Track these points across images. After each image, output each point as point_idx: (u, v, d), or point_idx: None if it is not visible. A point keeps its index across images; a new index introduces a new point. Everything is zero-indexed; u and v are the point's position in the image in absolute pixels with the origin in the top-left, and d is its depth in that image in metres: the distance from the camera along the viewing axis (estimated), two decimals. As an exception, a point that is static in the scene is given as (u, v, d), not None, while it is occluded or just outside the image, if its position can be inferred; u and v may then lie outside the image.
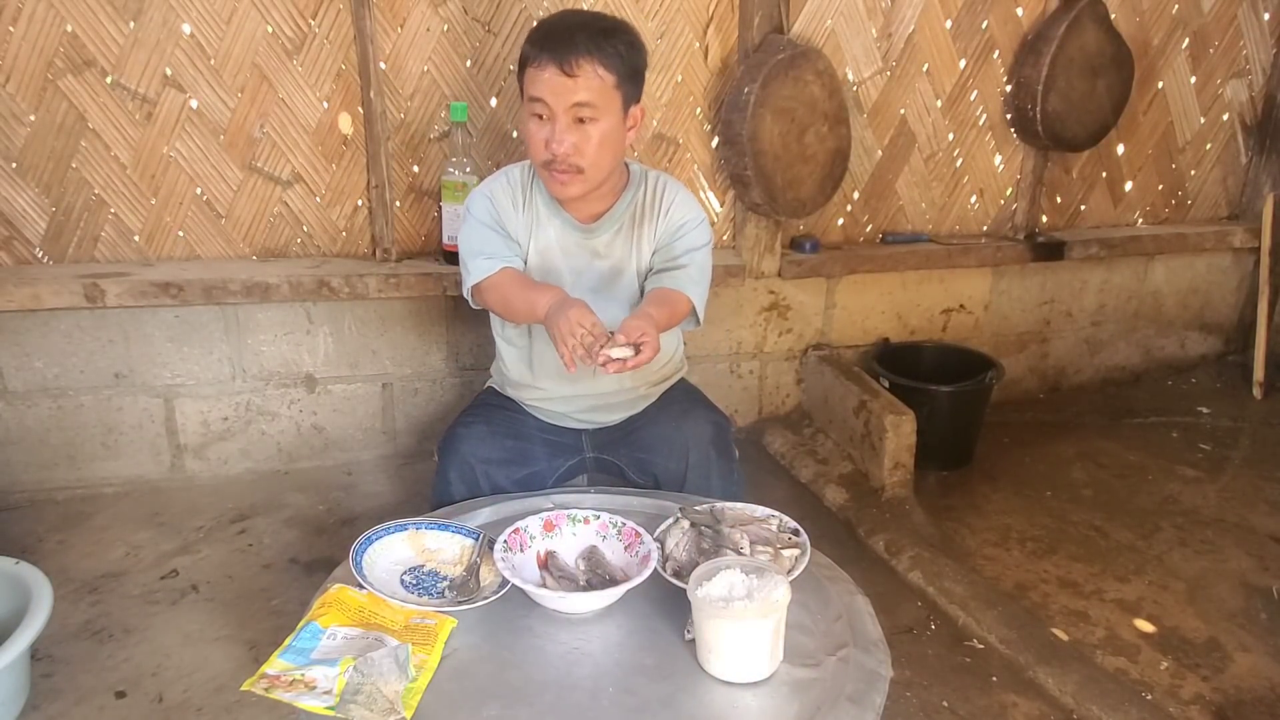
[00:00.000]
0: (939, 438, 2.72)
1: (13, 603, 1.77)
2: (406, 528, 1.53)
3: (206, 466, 2.64)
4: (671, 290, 1.77)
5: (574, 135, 1.65)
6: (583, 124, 1.65)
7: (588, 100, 1.63)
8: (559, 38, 1.62)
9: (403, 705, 1.14)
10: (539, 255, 1.83)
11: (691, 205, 1.85)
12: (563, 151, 1.65)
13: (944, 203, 3.04)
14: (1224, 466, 2.85)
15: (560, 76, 1.61)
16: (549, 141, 1.65)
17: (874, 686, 1.21)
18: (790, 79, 2.51)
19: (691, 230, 1.82)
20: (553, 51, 1.61)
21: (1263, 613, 2.14)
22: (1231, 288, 3.49)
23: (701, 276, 1.83)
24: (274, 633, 1.90)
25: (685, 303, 1.78)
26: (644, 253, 1.84)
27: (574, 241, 1.82)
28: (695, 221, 1.83)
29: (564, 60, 1.60)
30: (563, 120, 1.64)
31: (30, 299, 2.27)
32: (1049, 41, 2.77)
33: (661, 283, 1.79)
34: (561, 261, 1.83)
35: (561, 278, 1.82)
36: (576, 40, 1.60)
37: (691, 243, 1.82)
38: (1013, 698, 1.87)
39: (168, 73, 2.33)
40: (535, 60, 1.63)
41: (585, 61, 1.61)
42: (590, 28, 1.64)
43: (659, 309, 1.70)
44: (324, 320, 2.59)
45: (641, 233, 1.83)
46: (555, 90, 1.62)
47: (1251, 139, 3.34)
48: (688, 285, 1.78)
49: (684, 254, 1.81)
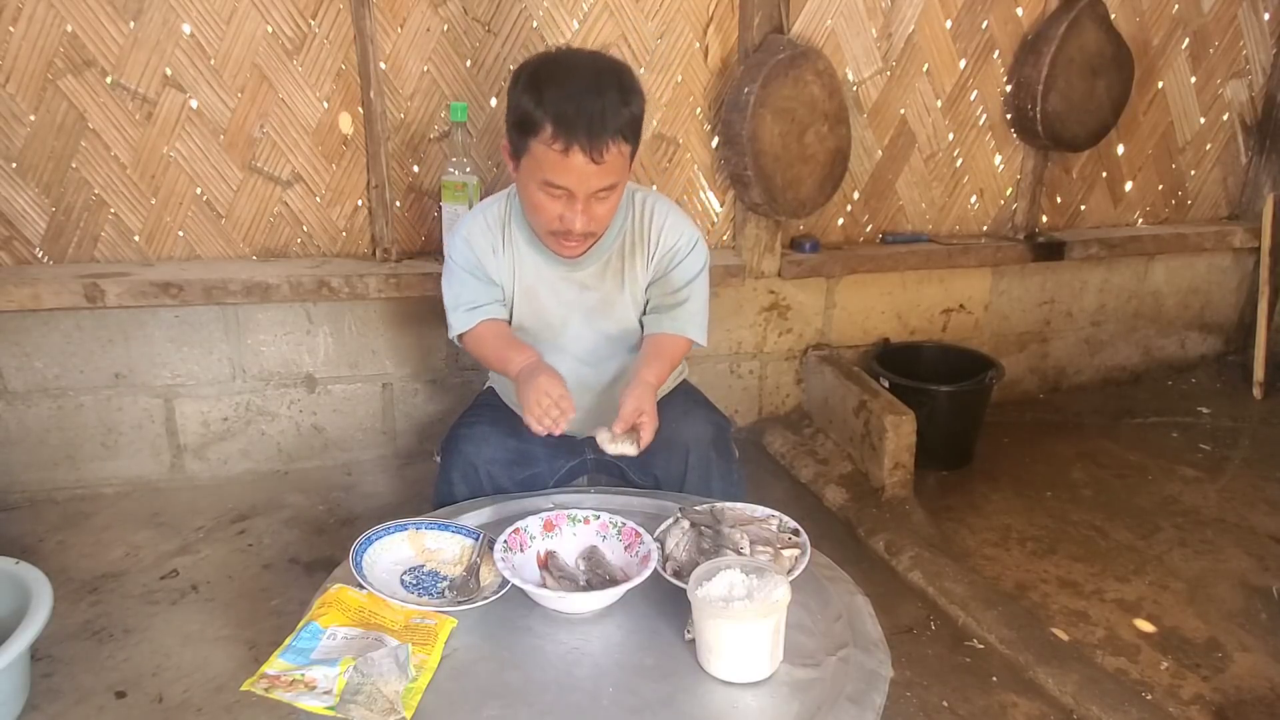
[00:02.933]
0: (939, 438, 2.72)
1: (13, 603, 1.77)
2: (406, 528, 1.53)
3: (206, 466, 2.64)
4: (670, 337, 1.74)
5: (594, 209, 1.58)
6: (600, 197, 1.59)
7: (612, 182, 1.57)
8: (588, 123, 1.48)
9: (403, 705, 1.14)
10: (525, 294, 1.78)
11: (682, 227, 1.78)
12: (580, 228, 1.59)
13: (944, 203, 3.04)
14: (1224, 466, 2.85)
15: (589, 165, 1.51)
16: (564, 217, 1.58)
17: (874, 686, 1.21)
18: (790, 79, 2.51)
19: (686, 256, 1.76)
20: (583, 139, 1.49)
21: (1263, 613, 2.14)
22: (1231, 288, 3.49)
23: (701, 306, 1.79)
24: (274, 633, 1.90)
25: (682, 344, 1.75)
26: (638, 283, 1.79)
27: (559, 276, 1.77)
28: (689, 244, 1.77)
29: (595, 149, 1.50)
30: (584, 202, 1.56)
31: (30, 299, 2.27)
32: (1049, 41, 2.77)
33: (661, 325, 1.76)
34: (549, 297, 1.78)
35: (550, 313, 1.79)
36: (607, 124, 1.50)
37: (688, 271, 1.77)
38: (1013, 698, 1.87)
39: (168, 73, 2.33)
40: (559, 143, 1.50)
41: (613, 145, 1.52)
42: (615, 100, 1.52)
43: (657, 367, 1.67)
44: (324, 320, 2.59)
45: (633, 263, 1.77)
46: (582, 177, 1.53)
47: (1251, 139, 3.34)
48: (688, 325, 1.75)
49: (683, 286, 1.76)
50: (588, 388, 1.84)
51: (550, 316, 1.79)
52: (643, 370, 1.67)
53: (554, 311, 1.79)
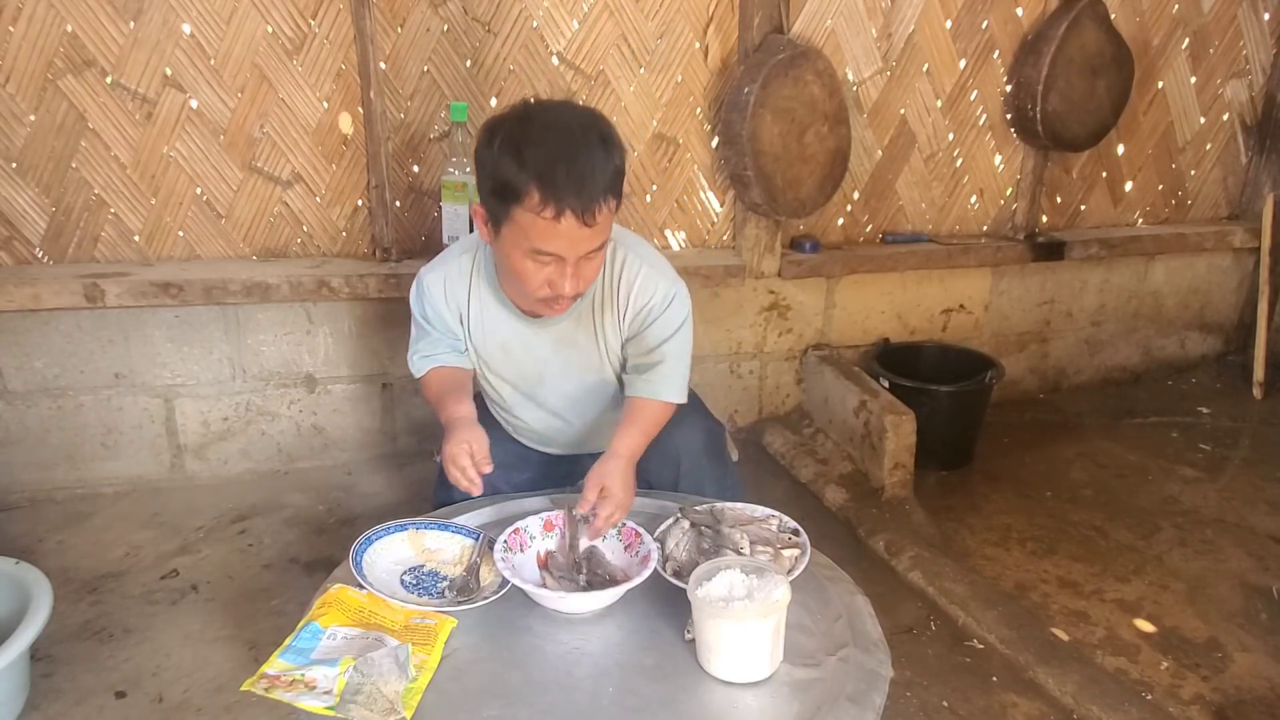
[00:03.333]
0: (939, 438, 2.72)
1: (13, 603, 1.77)
2: (406, 528, 1.53)
3: (206, 466, 2.64)
4: (646, 402, 1.66)
5: (583, 270, 1.49)
6: (589, 258, 1.49)
7: (603, 241, 1.49)
8: (578, 185, 1.38)
9: (403, 705, 1.14)
10: (498, 350, 1.72)
11: (655, 283, 1.65)
12: (571, 291, 1.49)
13: (944, 203, 3.04)
14: (1224, 466, 2.85)
15: (581, 229, 1.41)
16: (553, 282, 1.48)
17: (874, 686, 1.21)
18: (790, 79, 2.51)
19: (660, 314, 1.65)
20: (574, 202, 1.38)
21: (1263, 613, 2.14)
22: (1231, 288, 3.49)
23: (679, 365, 1.68)
24: (274, 633, 1.90)
25: (661, 408, 1.67)
26: (609, 340, 1.70)
27: (531, 332, 1.69)
28: (664, 301, 1.65)
29: (587, 211, 1.40)
30: (574, 265, 1.46)
31: (30, 299, 2.26)
32: (1049, 41, 2.77)
33: (635, 387, 1.67)
34: (522, 352, 1.72)
35: (525, 367, 1.73)
36: (596, 182, 1.40)
37: (663, 330, 1.66)
38: (1013, 698, 1.87)
39: (168, 73, 2.33)
40: (549, 209, 1.39)
41: (601, 206, 1.42)
42: (597, 155, 1.41)
43: (631, 437, 1.60)
44: (324, 320, 2.59)
45: (603, 321, 1.68)
46: (574, 242, 1.43)
47: (1251, 139, 3.34)
48: (663, 388, 1.66)
49: (657, 345, 1.66)
50: (570, 425, 1.83)
51: (526, 370, 1.73)
52: (615, 442, 1.59)
53: (529, 366, 1.73)
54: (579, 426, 1.83)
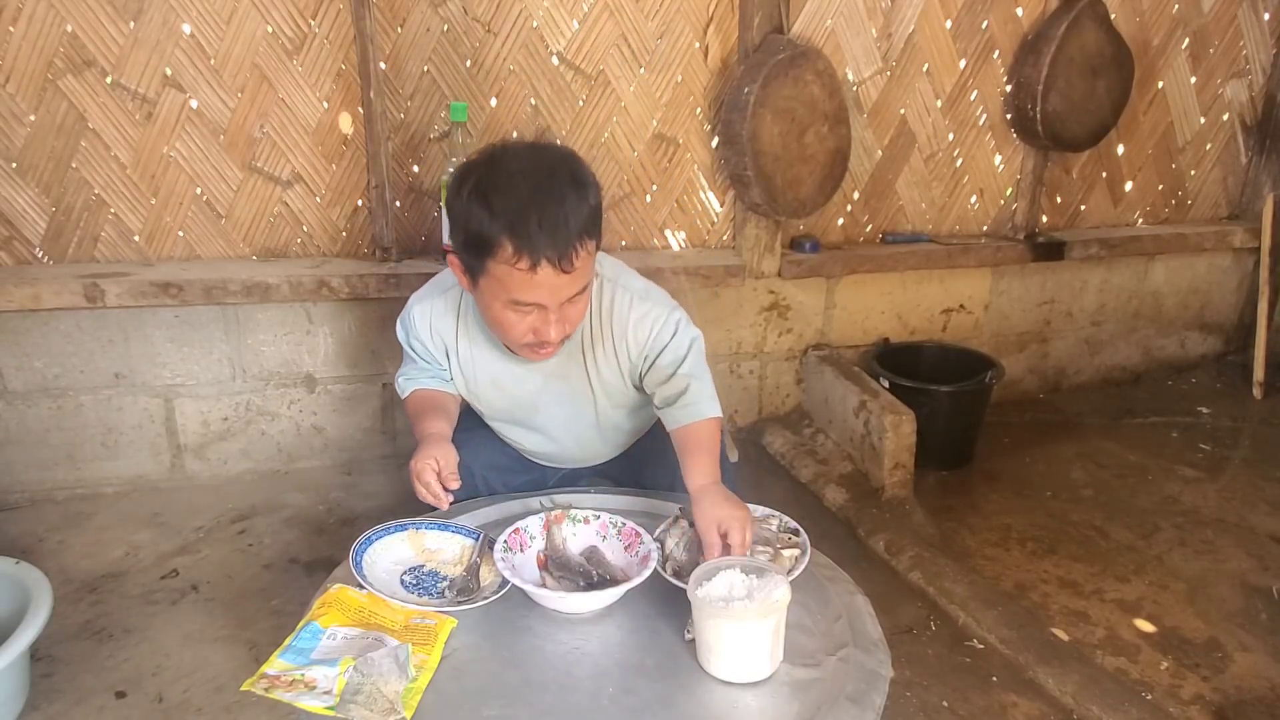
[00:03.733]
0: (939, 438, 2.72)
1: (13, 603, 1.77)
2: (406, 528, 1.53)
3: (206, 466, 2.64)
4: (692, 427, 1.58)
5: (567, 314, 1.45)
6: (571, 302, 1.45)
7: (584, 285, 1.44)
8: (552, 232, 1.33)
9: (403, 705, 1.14)
10: (492, 385, 1.69)
11: (651, 318, 1.60)
12: (557, 336, 1.45)
13: (944, 203, 3.04)
14: (1224, 466, 2.85)
15: (559, 277, 1.37)
16: (538, 330, 1.45)
17: (874, 686, 1.21)
18: (790, 79, 2.51)
19: (667, 343, 1.61)
20: (550, 252, 1.34)
21: (1263, 613, 2.14)
22: (1231, 288, 3.49)
23: (704, 383, 1.62)
24: (274, 633, 1.90)
25: (710, 425, 1.60)
26: (603, 375, 1.66)
27: (521, 369, 1.66)
28: (666, 330, 1.61)
29: (564, 259, 1.35)
30: (558, 311, 1.43)
31: (30, 299, 2.27)
32: (1049, 41, 2.77)
33: (675, 417, 1.60)
34: (515, 387, 1.69)
35: (520, 399, 1.70)
36: (570, 227, 1.35)
37: (675, 356, 1.61)
38: (1013, 698, 1.87)
39: (168, 73, 2.33)
40: (523, 260, 1.35)
41: (578, 250, 1.37)
42: (571, 200, 1.36)
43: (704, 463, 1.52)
44: (324, 320, 2.59)
45: (595, 357, 1.64)
46: (553, 290, 1.39)
47: (1251, 139, 3.34)
48: (699, 409, 1.59)
49: (675, 373, 1.60)
50: (565, 448, 1.82)
51: (519, 401, 1.71)
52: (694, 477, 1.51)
53: (522, 397, 1.70)
54: (574, 448, 1.82)
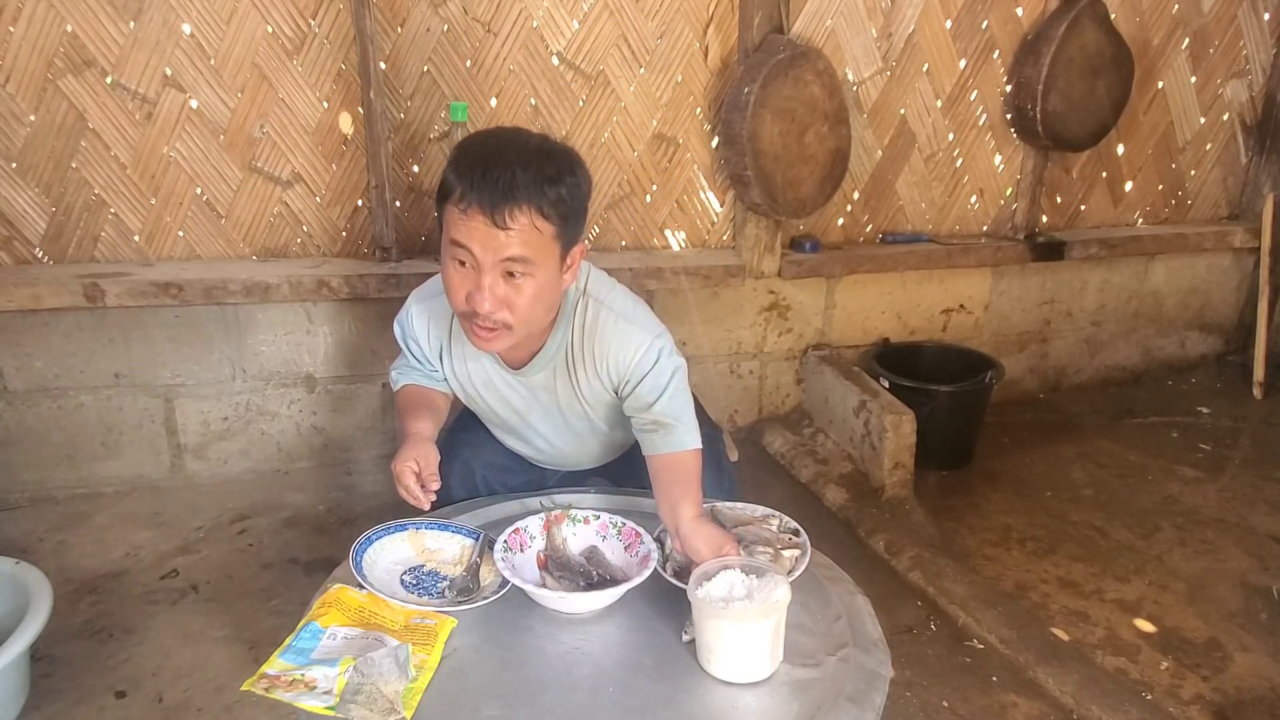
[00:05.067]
0: (939, 438, 2.72)
1: (13, 603, 1.77)
2: (406, 528, 1.53)
3: (206, 466, 2.64)
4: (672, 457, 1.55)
5: (502, 289, 1.40)
6: (514, 277, 1.39)
7: (521, 255, 1.37)
8: (494, 181, 1.33)
9: (403, 705, 1.14)
10: (487, 391, 1.68)
11: (636, 342, 1.55)
12: (488, 309, 1.40)
13: (944, 203, 3.04)
14: (1224, 466, 2.85)
15: (491, 228, 1.34)
16: (471, 295, 1.40)
17: (874, 686, 1.21)
18: (790, 79, 2.51)
19: (649, 370, 1.56)
20: (483, 197, 1.33)
21: (1263, 613, 2.14)
22: (1231, 288, 3.49)
23: (685, 418, 1.58)
24: (274, 633, 1.90)
25: (690, 457, 1.56)
26: (587, 395, 1.63)
27: (508, 382, 1.65)
28: (648, 358, 1.55)
29: (496, 210, 1.33)
30: (490, 274, 1.38)
31: (30, 299, 2.27)
32: (1049, 41, 2.77)
33: (654, 445, 1.56)
34: (510, 394, 1.68)
35: (512, 406, 1.70)
36: (515, 187, 1.34)
37: (655, 386, 1.56)
38: (1013, 698, 1.87)
39: (168, 73, 2.33)
40: (463, 202, 1.36)
41: (521, 213, 1.34)
42: (531, 169, 1.35)
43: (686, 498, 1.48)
44: (324, 320, 2.59)
45: (579, 377, 1.61)
46: (484, 242, 1.36)
47: (1251, 139, 3.34)
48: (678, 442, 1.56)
49: (653, 404, 1.56)
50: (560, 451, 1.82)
51: (512, 404, 1.70)
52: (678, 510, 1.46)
53: (516, 403, 1.70)
54: (570, 454, 1.82)
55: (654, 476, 1.56)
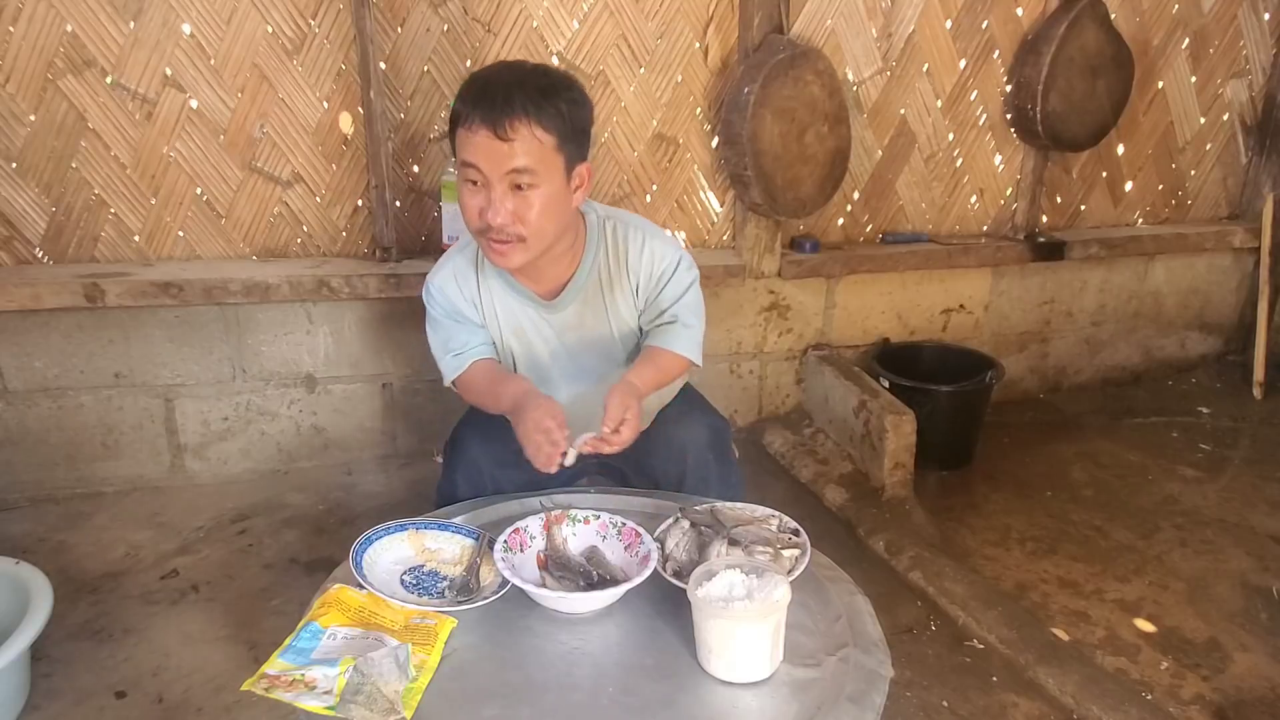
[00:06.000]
0: (939, 438, 2.72)
1: (13, 603, 1.77)
2: (406, 528, 1.53)
3: (206, 466, 2.64)
4: (660, 350, 1.70)
5: (511, 203, 1.51)
6: (521, 190, 1.51)
7: (525, 166, 1.49)
8: (492, 97, 1.47)
9: (403, 705, 1.14)
10: (514, 336, 1.74)
11: (663, 249, 1.71)
12: (500, 221, 1.51)
13: (944, 203, 3.04)
14: (1224, 466, 2.85)
15: (494, 140, 1.47)
16: (484, 210, 1.52)
17: (874, 686, 1.21)
18: (790, 79, 2.51)
19: (672, 276, 1.71)
20: (485, 113, 1.46)
21: (1263, 613, 2.14)
22: (1231, 288, 3.48)
23: (694, 320, 1.73)
24: (274, 633, 1.89)
25: (678, 360, 1.71)
26: (622, 316, 1.74)
27: (539, 317, 1.73)
28: (673, 263, 1.71)
29: (497, 123, 1.46)
30: (499, 188, 1.50)
31: (30, 299, 2.27)
32: (1049, 41, 2.77)
33: (652, 339, 1.72)
34: (536, 338, 1.74)
35: (537, 350, 1.75)
36: (513, 100, 1.46)
37: (676, 290, 1.71)
38: (1013, 698, 1.87)
39: (168, 73, 2.33)
40: (467, 120, 1.49)
41: (521, 123, 1.46)
42: (528, 85, 1.48)
43: (645, 373, 1.64)
44: (324, 320, 2.59)
45: (614, 297, 1.72)
46: (489, 155, 1.48)
47: (1251, 139, 3.34)
48: (675, 341, 1.70)
49: (671, 305, 1.71)
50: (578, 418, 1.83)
51: (539, 355, 1.75)
52: (630, 374, 1.63)
53: (541, 349, 1.75)
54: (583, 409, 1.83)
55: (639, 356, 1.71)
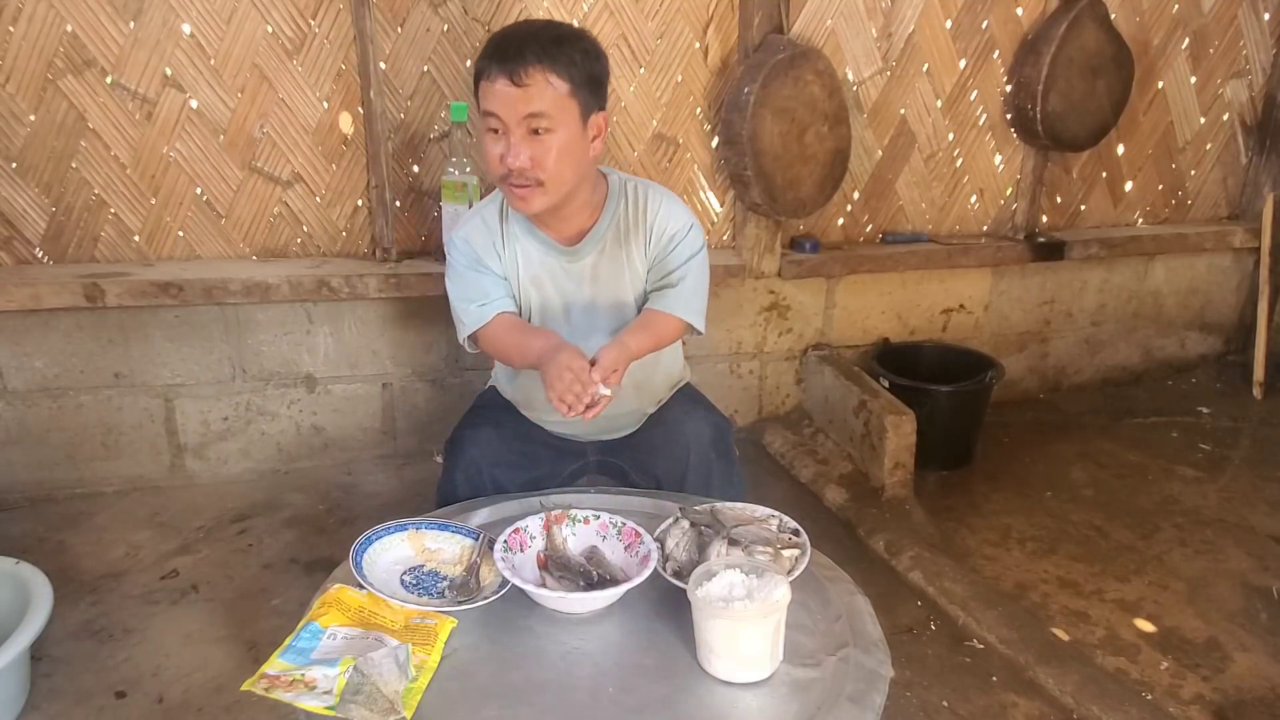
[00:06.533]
0: (939, 438, 2.72)
1: (13, 603, 1.77)
2: (406, 528, 1.53)
3: (206, 466, 2.64)
4: (658, 313, 1.75)
5: (529, 148, 1.58)
6: (538, 135, 1.58)
7: (540, 110, 1.56)
8: (509, 48, 1.56)
9: (403, 705, 1.14)
10: (532, 286, 1.79)
11: (679, 212, 1.78)
12: (519, 165, 1.58)
13: (944, 203, 3.04)
14: (1224, 466, 2.85)
15: (510, 88, 1.55)
16: (504, 156, 1.59)
17: (874, 686, 1.21)
18: (790, 79, 2.51)
19: (683, 240, 1.77)
20: (502, 62, 1.55)
21: (1263, 613, 2.14)
22: (1231, 288, 3.48)
23: (698, 286, 1.79)
24: (274, 633, 1.90)
25: (673, 324, 1.76)
26: (637, 271, 1.79)
27: (560, 267, 1.77)
28: (685, 228, 1.77)
29: (513, 71, 1.54)
30: (517, 133, 1.57)
31: (30, 299, 2.27)
32: (1049, 41, 2.77)
33: (652, 303, 1.77)
34: (552, 289, 1.79)
35: (553, 303, 1.79)
36: (526, 49, 1.55)
37: (684, 253, 1.77)
38: (1013, 698, 1.87)
39: (168, 73, 2.33)
40: (487, 73, 1.58)
41: (535, 70, 1.54)
42: (541, 36, 1.58)
43: (639, 336, 1.68)
44: (324, 320, 2.59)
45: (630, 251, 1.77)
46: (506, 102, 1.56)
47: (1251, 139, 3.34)
48: (676, 304, 1.75)
49: (677, 267, 1.76)
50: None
51: (553, 307, 1.79)
52: (624, 334, 1.68)
53: (555, 301, 1.79)
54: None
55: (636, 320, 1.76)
